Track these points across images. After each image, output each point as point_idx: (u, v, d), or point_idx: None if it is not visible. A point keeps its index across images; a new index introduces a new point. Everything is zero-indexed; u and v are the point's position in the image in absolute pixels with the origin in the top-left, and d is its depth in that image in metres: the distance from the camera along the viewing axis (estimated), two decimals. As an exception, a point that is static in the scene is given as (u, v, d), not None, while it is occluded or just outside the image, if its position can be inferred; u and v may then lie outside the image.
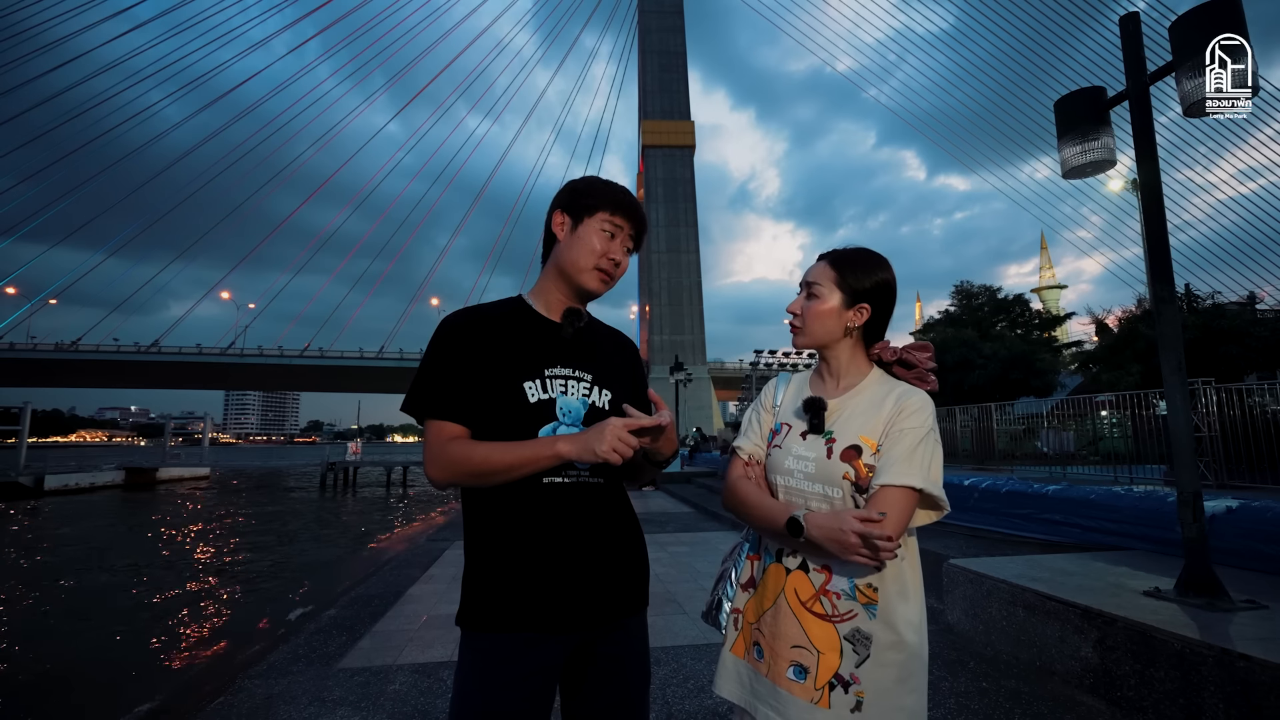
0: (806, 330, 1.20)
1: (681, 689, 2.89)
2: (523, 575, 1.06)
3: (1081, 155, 3.36)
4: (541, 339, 1.18)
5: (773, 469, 1.19)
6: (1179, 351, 3.08)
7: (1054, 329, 22.39)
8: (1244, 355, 11.66)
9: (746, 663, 1.15)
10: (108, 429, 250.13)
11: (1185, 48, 2.86)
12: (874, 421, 1.10)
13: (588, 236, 1.17)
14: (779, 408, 1.27)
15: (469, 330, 1.15)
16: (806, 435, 1.16)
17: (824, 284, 1.18)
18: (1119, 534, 4.47)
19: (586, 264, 1.17)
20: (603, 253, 1.17)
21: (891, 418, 1.09)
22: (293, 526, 14.83)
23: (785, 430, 1.20)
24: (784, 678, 1.07)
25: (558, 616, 1.06)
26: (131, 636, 6.19)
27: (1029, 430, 10.66)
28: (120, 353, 47.03)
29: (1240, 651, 2.25)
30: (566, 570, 1.08)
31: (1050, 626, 3.05)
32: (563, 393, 1.15)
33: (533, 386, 1.12)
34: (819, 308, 1.18)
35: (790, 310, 1.23)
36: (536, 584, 1.06)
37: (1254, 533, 3.56)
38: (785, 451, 1.17)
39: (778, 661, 1.08)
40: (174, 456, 31.72)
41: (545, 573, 1.06)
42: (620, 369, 1.26)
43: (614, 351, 1.28)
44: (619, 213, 1.19)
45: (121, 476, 26.36)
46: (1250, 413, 5.96)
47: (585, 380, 1.18)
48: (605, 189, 1.20)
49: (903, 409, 1.09)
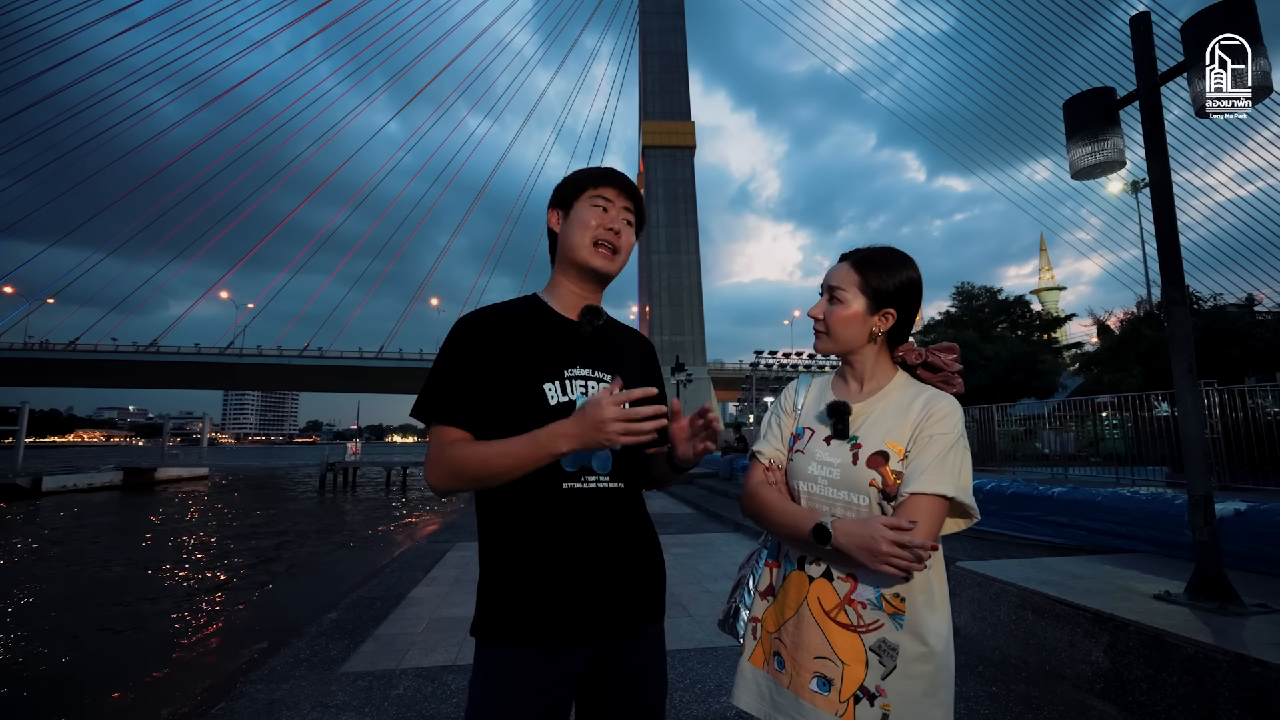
0: (832, 336, 1.16)
1: (689, 694, 2.86)
2: (541, 584, 1.03)
3: (1091, 156, 3.34)
4: (560, 339, 1.15)
5: (795, 475, 1.15)
6: (1190, 354, 3.06)
7: (1054, 330, 22.40)
8: (1246, 357, 11.67)
9: (766, 673, 1.12)
10: (106, 429, 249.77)
11: (1198, 48, 2.84)
12: (901, 427, 1.07)
13: (579, 215, 1.17)
14: (800, 411, 1.23)
15: (484, 331, 1.11)
16: (830, 440, 1.12)
17: (848, 288, 1.14)
18: (1126, 536, 4.45)
19: (584, 240, 1.15)
20: (598, 224, 1.16)
21: (919, 423, 1.06)
22: (292, 527, 14.78)
23: (808, 435, 1.17)
24: (807, 690, 1.04)
25: (577, 626, 1.03)
26: (130, 641, 6.15)
27: (1029, 431, 10.65)
28: (119, 352, 46.92)
29: (1255, 657, 2.23)
30: (586, 579, 1.04)
31: (1060, 630, 3.03)
32: (583, 394, 1.11)
33: (553, 388, 1.09)
34: (843, 313, 1.14)
35: (813, 315, 1.20)
36: (555, 593, 1.03)
37: (1263, 535, 3.54)
38: (809, 457, 1.13)
39: (800, 673, 1.05)
40: (172, 456, 31.59)
41: (564, 582, 1.03)
42: (640, 371, 1.23)
43: (633, 353, 1.25)
44: (603, 185, 1.18)
45: (120, 477, 26.25)
46: (1252, 415, 5.95)
47: (605, 381, 1.15)
48: (588, 172, 1.20)
49: (931, 414, 1.06)
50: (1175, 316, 3.13)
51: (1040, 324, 20.77)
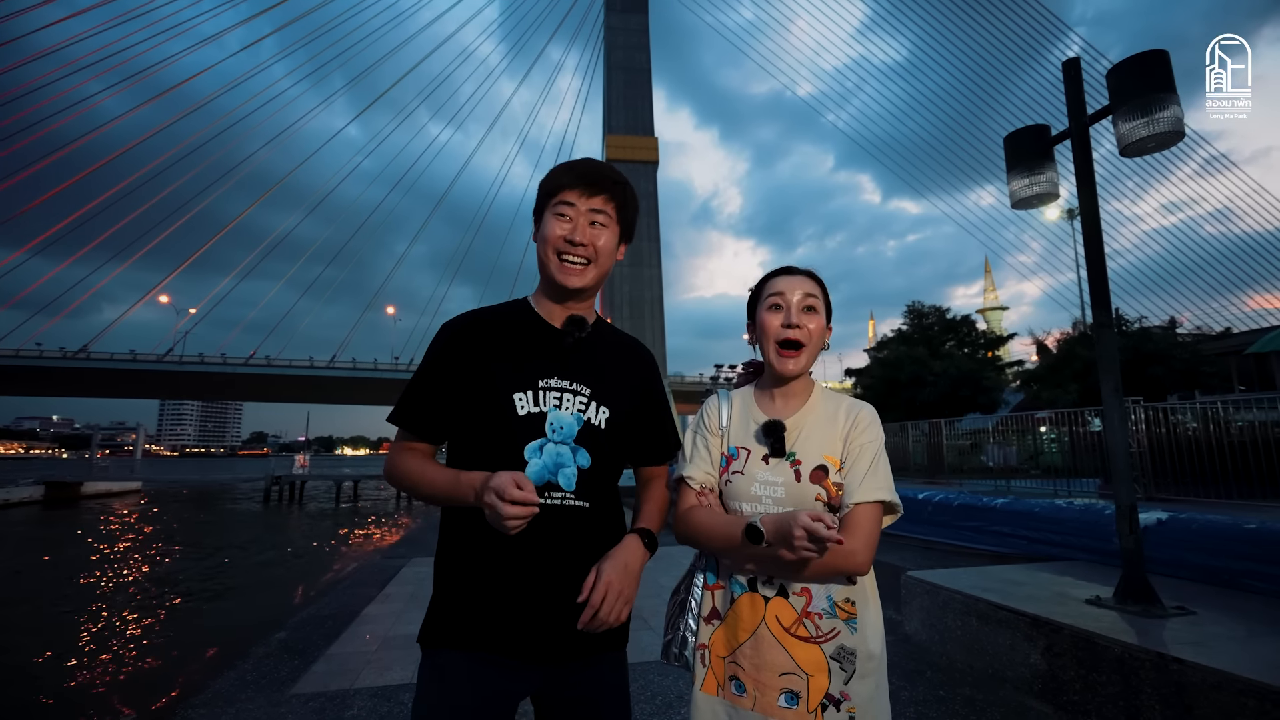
0: (810, 351, 1.15)
1: (649, 705, 2.88)
2: (487, 594, 1.02)
3: (1029, 188, 3.59)
4: (540, 347, 1.12)
5: (735, 496, 1.14)
6: (1116, 374, 3.30)
7: (998, 348, 23.50)
8: (1168, 376, 12.53)
9: (723, 699, 1.10)
10: (25, 440, 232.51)
11: (1121, 93, 3.10)
12: (831, 438, 1.12)
13: (544, 229, 1.12)
14: (726, 429, 1.21)
15: (463, 336, 1.11)
16: (768, 459, 1.13)
17: (819, 300, 1.17)
18: (1062, 545, 4.71)
19: (547, 256, 1.11)
20: (557, 237, 1.10)
21: (847, 432, 1.11)
22: (234, 544, 14.08)
23: (744, 455, 1.16)
24: (775, 707, 1.05)
25: (520, 644, 1.01)
26: (52, 669, 5.74)
27: (975, 445, 11.13)
28: (44, 358, 43.87)
29: (1174, 655, 2.41)
30: (534, 597, 1.01)
31: (1002, 635, 3.19)
32: (556, 406, 1.08)
33: (523, 398, 1.07)
34: (820, 323, 1.15)
35: (796, 324, 1.14)
36: (501, 606, 1.01)
37: (1182, 542, 3.82)
38: (749, 478, 1.13)
39: (765, 692, 1.06)
40: (101, 469, 29.78)
41: (511, 597, 1.01)
42: (627, 384, 1.18)
43: (624, 364, 1.20)
44: (564, 190, 1.11)
45: (41, 492, 24.54)
46: (1174, 430, 6.40)
47: (583, 394, 1.11)
48: (552, 175, 1.14)
49: (856, 422, 1.12)
50: (1103, 340, 3.37)
51: (985, 342, 21.74)
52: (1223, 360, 15.22)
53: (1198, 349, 14.22)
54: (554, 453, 1.06)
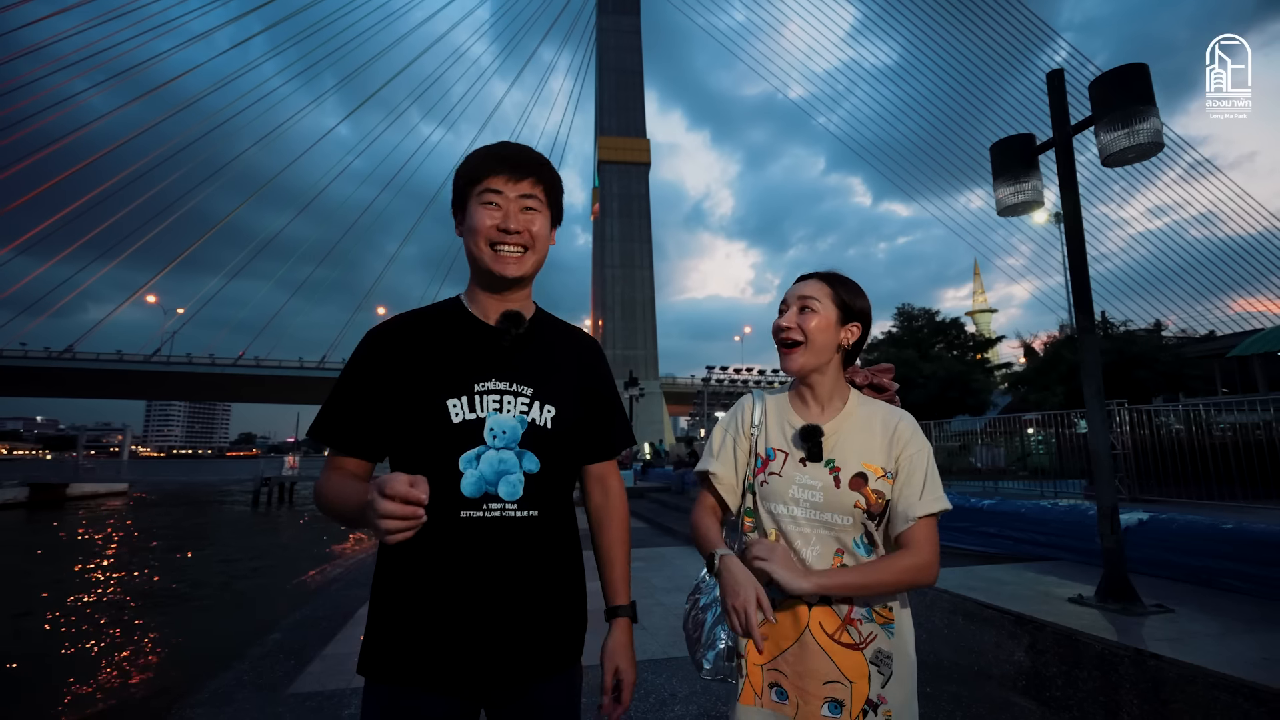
0: (810, 345, 1.13)
1: (643, 704, 2.93)
2: (416, 621, 0.94)
3: (1014, 195, 3.67)
4: (475, 347, 1.04)
5: (773, 498, 1.12)
6: (1098, 378, 3.39)
7: (986, 351, 23.76)
8: (1152, 379, 12.74)
9: (763, 709, 1.09)
10: (9, 441, 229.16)
11: (1103, 104, 3.19)
12: (871, 446, 1.11)
13: (471, 220, 1.04)
14: (760, 430, 1.20)
15: (389, 342, 1.03)
16: (805, 463, 1.12)
17: (821, 299, 1.15)
18: (1047, 545, 4.80)
19: (477, 246, 1.03)
20: (489, 227, 1.02)
21: (892, 446, 1.11)
22: (225, 545, 13.99)
23: (782, 458, 1.14)
24: (819, 716, 1.04)
25: (446, 674, 0.93)
26: (45, 671, 5.71)
27: (964, 446, 11.26)
28: (28, 358, 43.34)
29: (1151, 651, 2.49)
30: (463, 620, 0.93)
31: (987, 633, 3.26)
32: (496, 410, 0.99)
33: (458, 404, 0.98)
34: (820, 321, 1.14)
35: (784, 325, 1.15)
36: (428, 633, 0.93)
37: (1162, 542, 3.92)
38: (787, 480, 1.12)
39: (809, 701, 1.05)
40: (88, 471, 29.41)
41: (439, 621, 0.93)
42: (572, 378, 1.11)
43: (567, 357, 1.13)
44: (487, 177, 1.02)
45: (25, 494, 24.23)
46: (1158, 432, 6.54)
47: (524, 395, 1.02)
48: (471, 161, 1.05)
49: (898, 435, 1.11)
50: (1086, 344, 3.46)
51: (974, 345, 21.98)
52: (1206, 363, 15.50)
53: (1182, 352, 14.48)
54: (494, 460, 0.98)
